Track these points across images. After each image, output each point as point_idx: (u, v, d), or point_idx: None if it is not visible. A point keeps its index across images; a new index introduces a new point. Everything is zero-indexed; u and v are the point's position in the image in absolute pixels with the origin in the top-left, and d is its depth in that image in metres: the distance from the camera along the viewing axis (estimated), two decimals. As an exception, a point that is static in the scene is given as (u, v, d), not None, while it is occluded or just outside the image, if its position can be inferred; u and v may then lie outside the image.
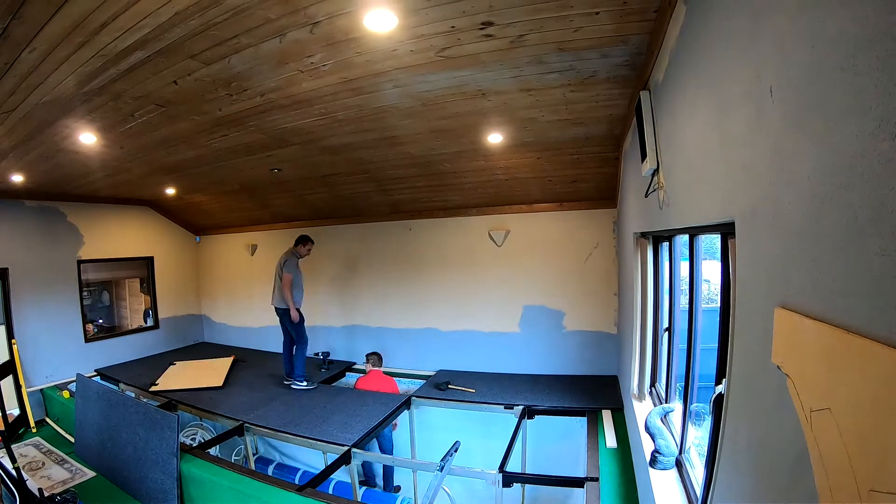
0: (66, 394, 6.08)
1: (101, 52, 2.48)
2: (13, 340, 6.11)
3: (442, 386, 5.75)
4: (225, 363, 7.21)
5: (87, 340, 7.26)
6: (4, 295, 6.20)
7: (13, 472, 3.52)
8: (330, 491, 5.04)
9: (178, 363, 7.25)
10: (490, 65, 2.89)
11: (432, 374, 6.52)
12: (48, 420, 6.00)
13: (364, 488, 5.63)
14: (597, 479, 3.51)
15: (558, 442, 5.49)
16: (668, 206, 2.46)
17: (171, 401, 5.67)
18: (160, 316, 8.49)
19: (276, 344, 8.17)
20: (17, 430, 5.66)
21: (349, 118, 3.81)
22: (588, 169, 5.12)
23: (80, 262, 7.22)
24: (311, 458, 6.66)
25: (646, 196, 2.98)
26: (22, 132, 3.76)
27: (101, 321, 8.60)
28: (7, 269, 6.23)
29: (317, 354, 7.17)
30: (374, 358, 6.23)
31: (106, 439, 4.41)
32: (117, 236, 7.79)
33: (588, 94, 3.37)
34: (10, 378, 6.02)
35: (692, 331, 2.49)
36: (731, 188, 1.43)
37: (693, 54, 1.82)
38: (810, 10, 0.91)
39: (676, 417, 2.97)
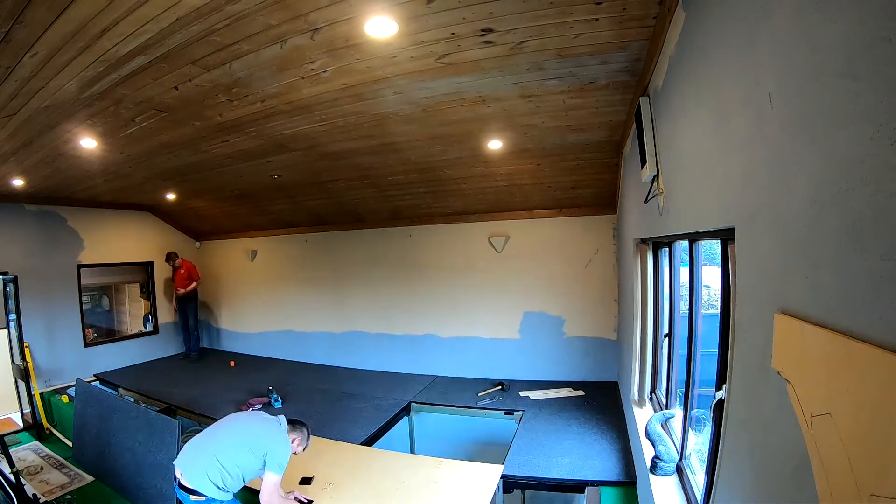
0: (65, 398, 6.07)
1: (102, 57, 2.49)
2: (26, 344, 6.13)
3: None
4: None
5: (86, 345, 7.26)
6: (15, 298, 6.22)
7: (11, 477, 3.51)
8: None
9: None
10: (490, 71, 2.89)
11: (432, 379, 6.50)
12: (47, 424, 5.99)
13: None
14: (597, 484, 3.50)
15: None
16: (667, 212, 2.46)
17: (171, 406, 5.66)
18: (160, 321, 8.49)
19: (276, 349, 8.21)
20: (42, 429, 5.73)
21: (349, 124, 3.81)
22: (588, 175, 5.13)
23: (79, 266, 7.23)
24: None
25: (645, 202, 2.99)
26: (23, 136, 3.77)
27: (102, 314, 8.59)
28: (6, 272, 6.24)
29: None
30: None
31: (105, 444, 4.40)
32: (117, 241, 7.80)
33: (588, 101, 3.38)
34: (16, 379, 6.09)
35: (692, 336, 2.48)
36: (730, 194, 1.43)
37: (692, 60, 1.82)
38: (808, 16, 0.91)
39: (677, 423, 2.97)
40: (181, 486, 2.84)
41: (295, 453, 3.15)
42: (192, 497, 2.81)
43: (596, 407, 5.04)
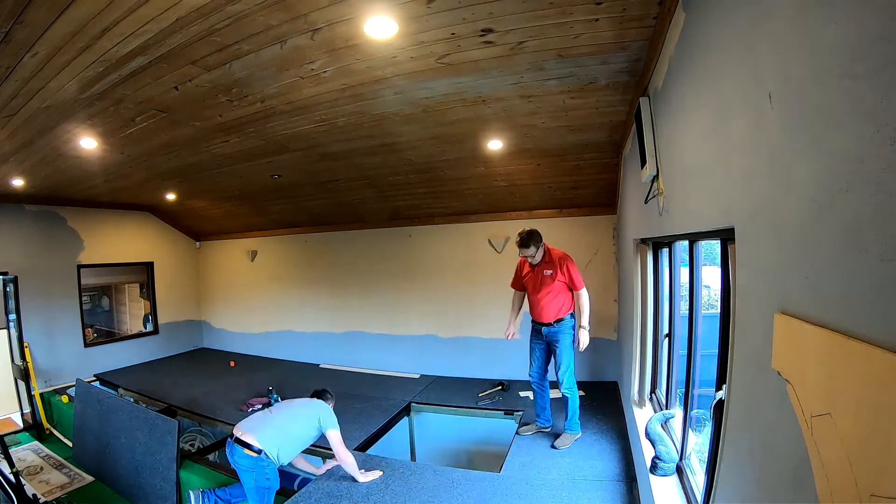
0: (65, 399, 6.07)
1: (102, 57, 2.49)
2: (26, 344, 6.13)
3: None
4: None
5: (86, 345, 7.26)
6: (15, 298, 6.21)
7: (11, 477, 3.51)
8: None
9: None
10: (490, 71, 2.89)
11: (432, 380, 6.50)
12: (47, 425, 5.99)
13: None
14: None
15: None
16: (667, 212, 2.46)
17: (171, 406, 5.66)
18: (160, 321, 8.48)
19: (276, 349, 8.20)
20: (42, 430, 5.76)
21: (349, 125, 3.81)
22: (588, 175, 5.13)
23: (79, 266, 7.23)
24: (309, 465, 6.63)
25: (645, 202, 2.99)
26: (23, 136, 3.77)
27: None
28: (6, 272, 6.23)
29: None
30: None
31: (105, 444, 4.40)
32: (117, 241, 7.80)
33: (588, 101, 3.38)
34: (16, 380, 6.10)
35: (692, 337, 2.48)
36: (730, 194, 1.43)
37: (692, 61, 1.82)
38: (809, 16, 0.91)
39: (677, 423, 2.97)
40: (238, 441, 3.42)
41: None
42: (245, 450, 3.37)
43: (596, 407, 5.03)
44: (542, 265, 4.19)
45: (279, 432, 3.55)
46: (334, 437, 3.65)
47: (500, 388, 5.82)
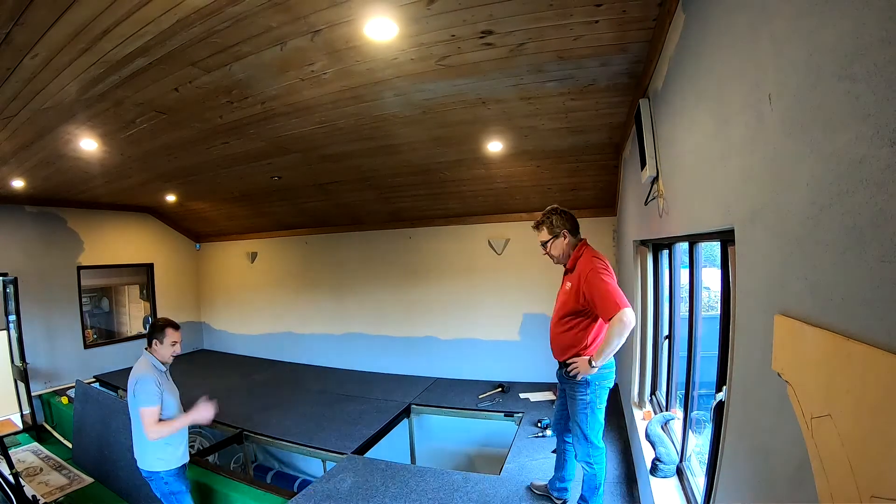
0: (64, 400, 6.06)
1: (102, 58, 2.49)
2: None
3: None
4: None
5: (86, 346, 7.26)
6: (15, 299, 6.21)
7: (10, 478, 3.50)
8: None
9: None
10: (490, 73, 2.90)
11: (432, 381, 6.49)
12: (46, 426, 5.99)
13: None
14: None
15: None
16: (667, 214, 2.46)
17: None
18: (160, 322, 8.45)
19: (276, 351, 8.20)
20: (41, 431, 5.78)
21: (349, 126, 3.82)
22: (588, 177, 5.13)
23: (79, 268, 7.23)
24: (309, 467, 6.63)
25: (645, 204, 2.99)
26: (23, 138, 3.77)
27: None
28: (6, 273, 6.23)
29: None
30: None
31: (104, 446, 4.39)
32: (117, 243, 7.80)
33: (588, 103, 3.38)
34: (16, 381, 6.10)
35: (692, 338, 2.48)
36: (730, 195, 1.43)
37: (692, 62, 1.82)
38: (808, 18, 0.91)
39: (677, 425, 2.96)
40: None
41: (173, 356, 3.26)
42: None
43: (596, 409, 5.03)
44: (567, 272, 2.98)
45: (134, 434, 3.05)
46: (145, 416, 2.88)
47: (500, 389, 5.82)
